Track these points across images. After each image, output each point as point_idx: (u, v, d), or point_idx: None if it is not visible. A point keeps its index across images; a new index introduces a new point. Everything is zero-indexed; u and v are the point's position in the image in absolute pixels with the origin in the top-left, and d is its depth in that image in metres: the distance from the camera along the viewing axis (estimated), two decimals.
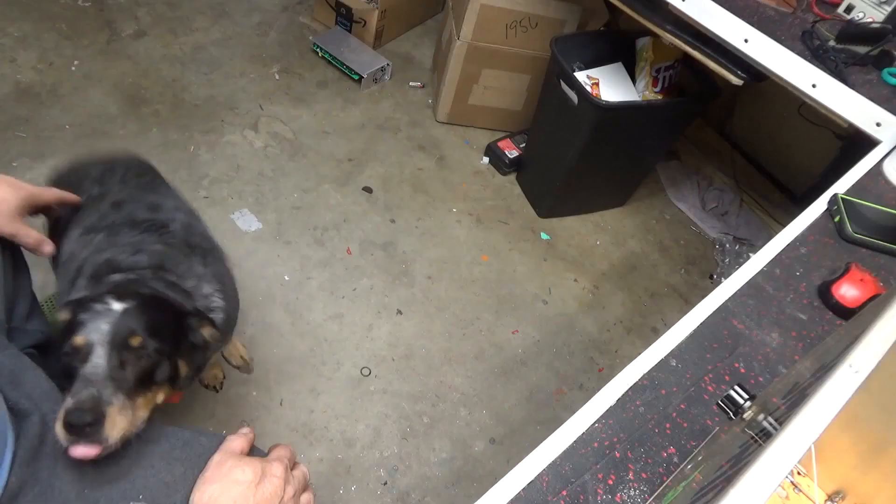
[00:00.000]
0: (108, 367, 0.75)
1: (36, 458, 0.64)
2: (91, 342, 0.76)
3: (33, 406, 0.68)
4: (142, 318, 0.80)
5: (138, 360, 0.78)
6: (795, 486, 0.51)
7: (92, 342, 0.76)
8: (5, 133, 1.84)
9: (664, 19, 1.49)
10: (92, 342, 0.76)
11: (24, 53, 2.08)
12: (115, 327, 0.78)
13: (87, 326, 0.77)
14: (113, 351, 0.76)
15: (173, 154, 1.94)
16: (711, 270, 2.12)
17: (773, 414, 0.54)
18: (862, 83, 1.24)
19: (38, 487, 0.62)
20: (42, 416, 0.67)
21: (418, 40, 2.64)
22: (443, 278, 1.85)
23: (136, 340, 0.78)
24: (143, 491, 0.67)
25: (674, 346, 0.80)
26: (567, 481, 0.65)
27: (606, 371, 1.76)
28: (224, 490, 0.66)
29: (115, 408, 0.73)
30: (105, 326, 0.77)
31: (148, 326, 0.80)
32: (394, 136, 2.23)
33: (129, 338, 0.78)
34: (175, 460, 0.70)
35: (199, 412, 1.45)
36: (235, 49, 2.35)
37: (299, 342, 1.62)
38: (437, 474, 1.46)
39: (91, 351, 0.76)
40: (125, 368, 0.77)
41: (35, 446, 0.64)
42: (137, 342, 0.78)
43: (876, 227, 0.99)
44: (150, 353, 0.80)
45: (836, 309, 0.87)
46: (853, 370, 0.46)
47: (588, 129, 1.77)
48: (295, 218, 1.88)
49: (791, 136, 2.17)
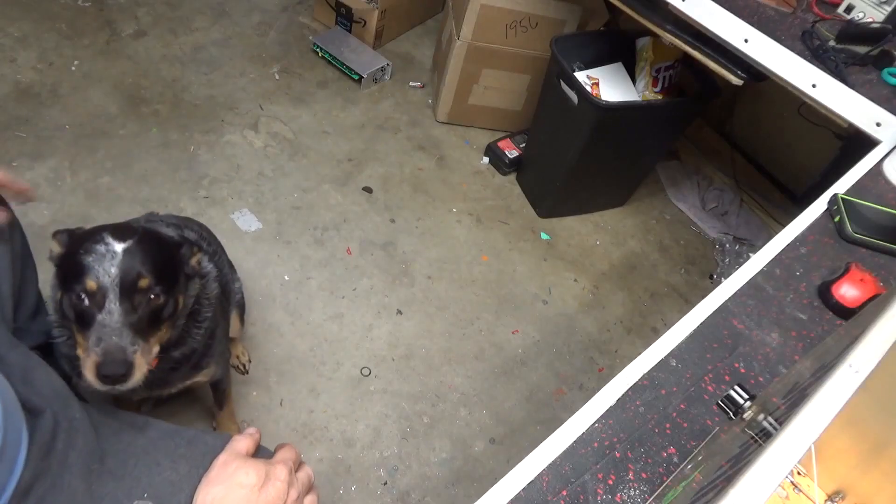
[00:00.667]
0: (123, 313, 0.78)
1: (48, 454, 0.64)
2: (104, 287, 0.78)
3: (45, 403, 0.68)
4: (144, 258, 0.82)
5: (147, 302, 0.81)
6: (795, 486, 0.51)
7: (105, 287, 0.78)
8: (5, 133, 1.84)
9: (664, 19, 1.49)
10: (105, 287, 0.78)
11: (24, 53, 2.08)
12: (122, 271, 0.79)
13: (95, 270, 0.79)
14: (125, 296, 0.79)
15: (173, 154, 1.94)
16: (711, 270, 2.12)
17: (773, 414, 0.54)
18: (862, 83, 1.24)
19: (49, 482, 0.63)
20: (54, 414, 0.68)
21: (418, 40, 2.64)
22: (443, 278, 1.85)
23: (144, 282, 0.81)
24: (148, 489, 0.67)
25: (674, 346, 0.80)
26: (567, 481, 0.65)
27: (606, 371, 1.76)
28: (227, 492, 0.66)
29: (138, 354, 0.78)
30: (113, 269, 0.79)
31: (151, 266, 0.82)
32: (394, 136, 2.23)
33: (137, 281, 0.80)
34: (180, 458, 0.71)
35: (199, 412, 1.45)
36: (235, 49, 2.35)
37: (299, 342, 1.62)
38: (437, 474, 1.47)
39: (105, 295, 0.78)
40: (137, 311, 0.80)
41: (47, 442, 0.65)
42: (146, 284, 0.81)
43: (876, 227, 0.99)
44: (157, 293, 0.83)
45: (836, 309, 0.87)
46: (853, 370, 0.46)
47: (588, 129, 1.77)
48: (295, 218, 1.88)
49: (791, 136, 2.17)
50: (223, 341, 1.16)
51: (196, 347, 1.01)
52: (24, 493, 0.60)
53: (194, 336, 1.00)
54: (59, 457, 0.65)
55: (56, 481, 0.63)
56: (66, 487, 0.63)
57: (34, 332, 1.06)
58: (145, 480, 0.68)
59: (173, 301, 0.88)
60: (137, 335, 0.79)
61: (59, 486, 0.63)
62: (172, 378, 1.03)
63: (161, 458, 0.70)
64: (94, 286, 0.78)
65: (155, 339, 0.84)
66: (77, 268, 0.80)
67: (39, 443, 0.64)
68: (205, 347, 1.04)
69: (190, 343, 0.99)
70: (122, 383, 0.77)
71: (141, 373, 0.79)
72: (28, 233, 1.61)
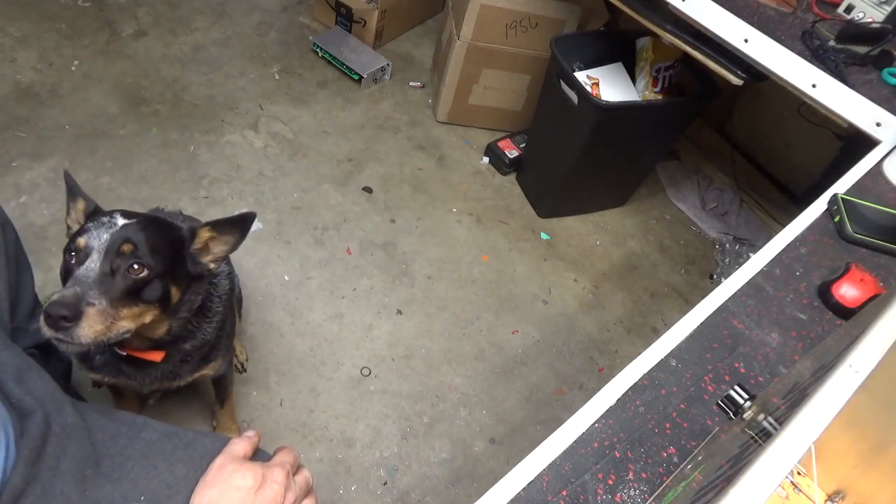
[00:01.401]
0: (99, 272, 0.80)
1: (39, 457, 0.64)
2: (90, 247, 0.82)
3: (37, 405, 0.68)
4: (140, 233, 0.85)
5: (128, 269, 0.83)
6: (795, 486, 0.51)
7: (91, 247, 0.82)
8: (5, 133, 1.84)
9: (664, 19, 1.49)
10: (91, 247, 0.82)
11: (24, 53, 2.08)
12: (112, 236, 0.83)
13: (90, 233, 0.84)
14: (106, 257, 0.82)
15: (173, 154, 1.94)
16: (711, 270, 2.12)
17: (773, 414, 0.54)
18: (862, 83, 1.24)
19: (41, 487, 0.62)
20: (45, 416, 0.67)
21: (418, 40, 2.64)
22: (443, 278, 1.85)
23: (127, 248, 0.83)
24: (144, 491, 0.67)
25: (674, 346, 0.80)
26: (567, 481, 0.65)
27: (606, 371, 1.76)
28: (223, 495, 0.65)
29: (94, 309, 0.78)
30: (105, 235, 0.83)
31: (144, 240, 0.85)
32: (394, 136, 2.23)
33: (122, 245, 0.83)
34: (177, 461, 0.70)
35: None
36: (235, 49, 2.35)
37: (299, 342, 1.62)
38: (437, 474, 1.47)
39: (89, 255, 0.82)
40: (115, 276, 0.82)
41: (38, 446, 0.64)
42: (129, 249, 0.83)
43: (876, 227, 0.99)
44: (142, 264, 0.83)
45: (836, 309, 0.87)
46: (853, 370, 0.46)
47: (588, 129, 1.77)
48: (295, 218, 1.88)
49: (791, 136, 2.17)
50: (231, 335, 1.18)
51: (207, 340, 1.03)
52: (16, 499, 0.60)
53: (205, 330, 1.02)
54: (50, 462, 0.64)
55: (47, 489, 0.63)
56: (58, 495, 0.63)
57: (33, 332, 1.06)
58: (142, 483, 0.68)
59: (161, 284, 0.87)
60: (104, 296, 0.79)
61: (51, 494, 0.63)
62: (182, 371, 1.05)
63: (158, 461, 0.70)
64: (83, 244, 0.82)
65: (127, 314, 0.82)
66: (78, 233, 0.85)
67: (30, 445, 0.63)
68: (214, 340, 1.06)
69: (200, 336, 1.01)
70: (65, 331, 0.75)
71: (92, 330, 0.77)
72: (28, 233, 1.62)
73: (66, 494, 0.64)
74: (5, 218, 0.99)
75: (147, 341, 0.95)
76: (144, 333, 0.92)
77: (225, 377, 1.25)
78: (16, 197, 1.70)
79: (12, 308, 0.96)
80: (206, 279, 0.98)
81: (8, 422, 0.63)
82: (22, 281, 1.03)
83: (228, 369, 1.25)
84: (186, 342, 1.00)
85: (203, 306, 1.01)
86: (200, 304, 1.00)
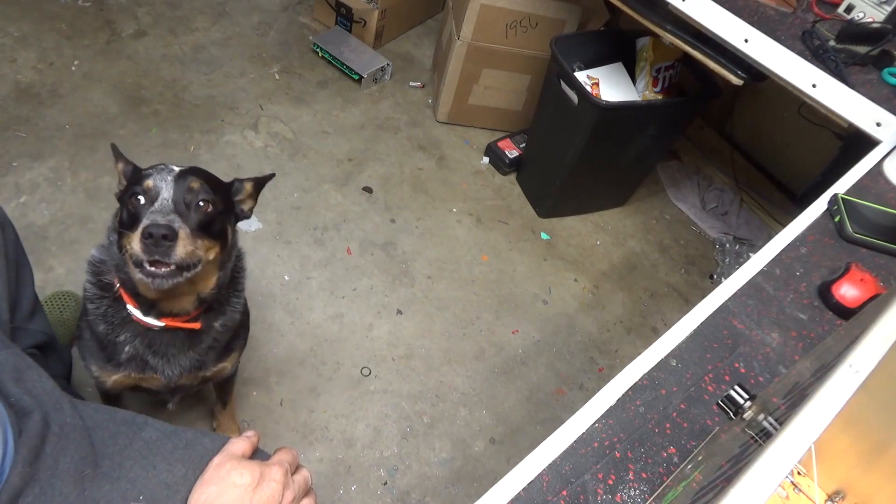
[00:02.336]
0: (174, 204, 0.87)
1: (38, 457, 0.64)
2: (159, 187, 0.88)
3: (35, 404, 0.67)
4: (199, 174, 0.93)
5: (198, 204, 0.89)
6: (795, 486, 0.51)
7: (160, 187, 0.88)
8: (5, 133, 1.84)
9: (664, 19, 1.49)
10: (160, 187, 0.88)
11: (24, 53, 2.08)
12: (177, 177, 0.90)
13: (154, 176, 0.89)
14: (177, 192, 0.88)
15: (173, 154, 1.94)
16: (711, 270, 2.12)
17: (773, 414, 0.54)
18: (862, 83, 1.24)
19: (39, 487, 0.62)
20: (44, 415, 0.67)
21: (418, 40, 2.64)
22: (443, 278, 1.85)
23: (196, 184, 0.90)
24: (143, 491, 0.67)
25: (674, 346, 0.80)
26: (567, 481, 0.65)
27: (606, 371, 1.76)
28: (221, 492, 0.65)
29: (185, 232, 0.84)
30: (169, 177, 0.89)
31: (205, 180, 0.93)
32: (394, 136, 2.23)
33: (190, 182, 0.90)
34: (177, 461, 0.70)
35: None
36: (235, 49, 2.35)
37: (299, 342, 1.62)
38: (437, 474, 1.46)
39: (159, 192, 0.88)
40: (189, 208, 0.89)
41: (37, 446, 0.64)
42: (197, 186, 0.90)
43: (876, 227, 0.99)
44: (207, 200, 0.90)
45: (836, 309, 0.87)
46: (853, 370, 0.46)
47: (588, 129, 1.77)
48: (295, 218, 1.88)
49: (791, 136, 2.17)
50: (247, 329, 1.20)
51: (235, 320, 1.06)
52: (14, 499, 0.60)
53: (234, 306, 1.06)
54: (48, 461, 0.64)
55: (46, 488, 0.62)
56: (56, 494, 0.63)
57: (33, 332, 1.06)
58: (141, 482, 0.67)
59: (221, 223, 0.94)
60: (186, 224, 0.86)
61: (50, 494, 0.62)
62: (208, 359, 1.07)
63: (157, 461, 0.69)
64: (151, 185, 0.88)
65: (202, 245, 0.88)
66: (138, 178, 0.91)
67: (28, 445, 0.63)
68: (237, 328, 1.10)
69: (230, 313, 1.05)
70: (164, 250, 0.81)
71: (184, 250, 0.83)
72: (28, 233, 1.62)
73: (65, 494, 0.63)
74: (5, 218, 0.99)
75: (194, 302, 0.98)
76: (198, 285, 0.96)
77: (231, 376, 1.27)
78: (16, 197, 1.70)
79: (12, 308, 0.96)
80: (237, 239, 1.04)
81: (6, 421, 0.63)
82: (22, 281, 1.03)
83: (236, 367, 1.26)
84: (217, 318, 1.03)
85: (232, 278, 1.06)
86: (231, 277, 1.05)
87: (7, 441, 0.62)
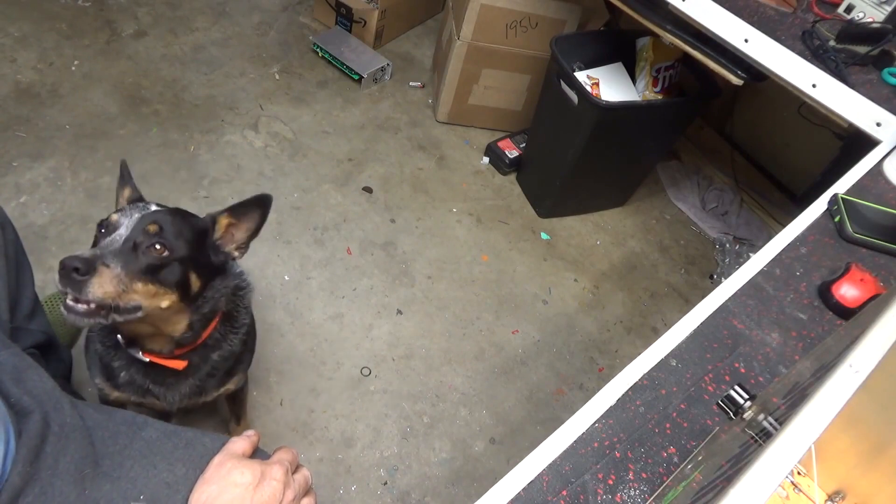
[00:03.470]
0: (122, 245, 0.83)
1: (38, 457, 0.64)
2: (120, 223, 0.87)
3: (35, 404, 0.67)
4: (167, 217, 0.89)
5: (150, 246, 0.85)
6: (795, 486, 0.51)
7: (121, 223, 0.86)
8: (5, 133, 1.84)
9: (664, 19, 1.49)
10: (121, 223, 0.86)
11: (24, 53, 2.08)
12: (142, 216, 0.88)
13: (124, 212, 0.89)
14: (133, 232, 0.85)
15: (173, 154, 1.94)
16: (711, 270, 2.12)
17: (773, 414, 0.54)
18: (862, 83, 1.24)
19: (39, 487, 0.62)
20: (44, 415, 0.67)
21: (418, 40, 2.64)
22: (443, 278, 1.85)
23: (153, 228, 0.86)
24: (144, 491, 0.67)
25: (674, 346, 0.80)
26: (567, 481, 0.65)
27: (606, 371, 1.76)
28: (221, 491, 0.65)
29: (108, 271, 0.79)
30: (136, 215, 0.88)
31: (170, 223, 0.88)
32: (394, 136, 2.23)
33: (148, 225, 0.86)
34: (177, 460, 0.70)
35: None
36: (235, 49, 2.35)
37: (299, 342, 1.62)
38: (437, 474, 1.46)
39: (117, 229, 0.86)
40: (137, 251, 0.84)
41: (37, 445, 0.64)
42: (154, 230, 0.86)
43: (876, 226, 0.99)
44: (165, 245, 0.86)
45: (836, 309, 0.87)
46: (853, 370, 0.46)
47: (588, 129, 1.77)
48: (295, 218, 1.88)
49: (791, 136, 2.17)
50: (252, 349, 1.19)
51: (234, 351, 1.05)
52: (14, 499, 0.60)
53: (231, 340, 1.03)
54: (49, 461, 0.64)
55: (46, 488, 0.62)
56: (57, 494, 0.63)
57: (33, 332, 1.06)
58: (141, 482, 0.67)
59: (181, 269, 0.88)
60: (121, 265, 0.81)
61: (50, 493, 0.62)
62: (208, 385, 1.06)
63: (158, 460, 0.69)
64: (114, 220, 0.87)
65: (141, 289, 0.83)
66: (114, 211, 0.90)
67: (28, 445, 0.63)
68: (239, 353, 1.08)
69: (227, 347, 1.03)
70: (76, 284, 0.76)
71: (101, 290, 0.78)
72: (28, 233, 1.62)
73: (65, 494, 0.63)
74: (5, 218, 0.99)
75: (169, 343, 0.95)
76: (164, 328, 0.92)
77: (242, 390, 1.26)
78: (16, 197, 1.70)
79: (12, 308, 0.97)
80: (229, 276, 0.99)
81: (7, 421, 0.63)
82: (22, 281, 1.03)
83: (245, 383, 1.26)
84: (215, 352, 1.01)
85: (230, 316, 1.03)
86: (227, 314, 1.02)
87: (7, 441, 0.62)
